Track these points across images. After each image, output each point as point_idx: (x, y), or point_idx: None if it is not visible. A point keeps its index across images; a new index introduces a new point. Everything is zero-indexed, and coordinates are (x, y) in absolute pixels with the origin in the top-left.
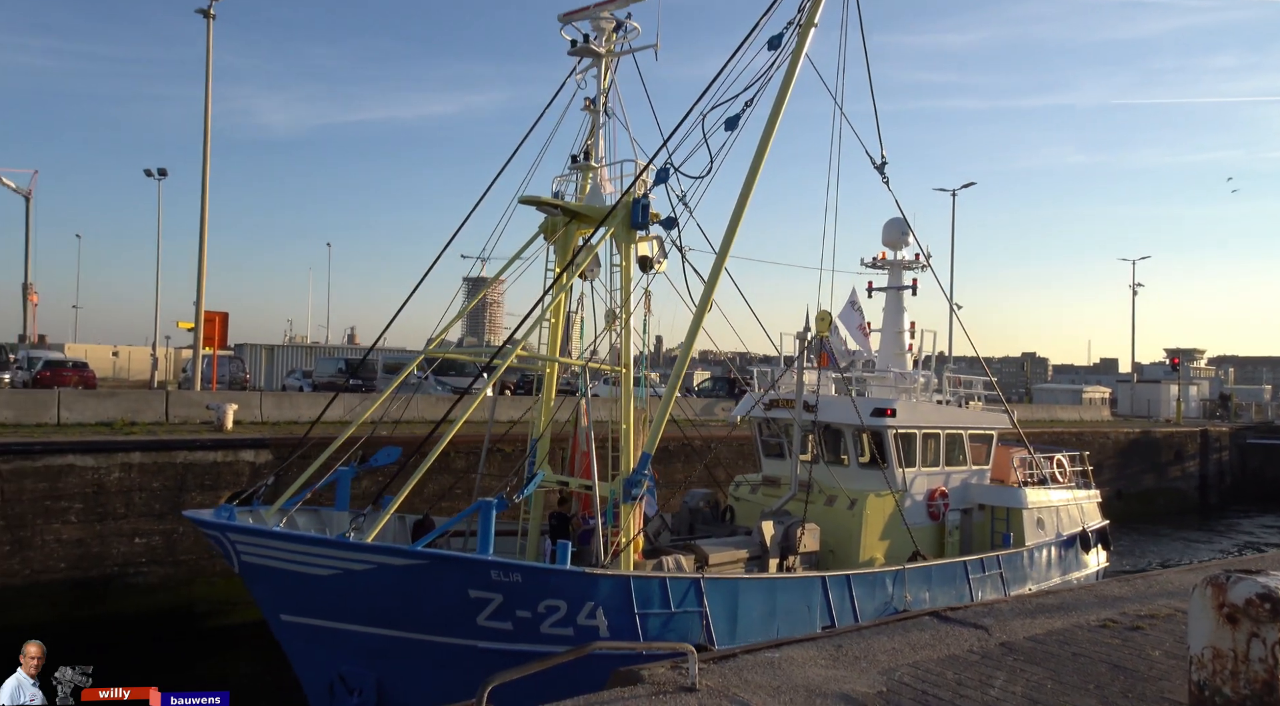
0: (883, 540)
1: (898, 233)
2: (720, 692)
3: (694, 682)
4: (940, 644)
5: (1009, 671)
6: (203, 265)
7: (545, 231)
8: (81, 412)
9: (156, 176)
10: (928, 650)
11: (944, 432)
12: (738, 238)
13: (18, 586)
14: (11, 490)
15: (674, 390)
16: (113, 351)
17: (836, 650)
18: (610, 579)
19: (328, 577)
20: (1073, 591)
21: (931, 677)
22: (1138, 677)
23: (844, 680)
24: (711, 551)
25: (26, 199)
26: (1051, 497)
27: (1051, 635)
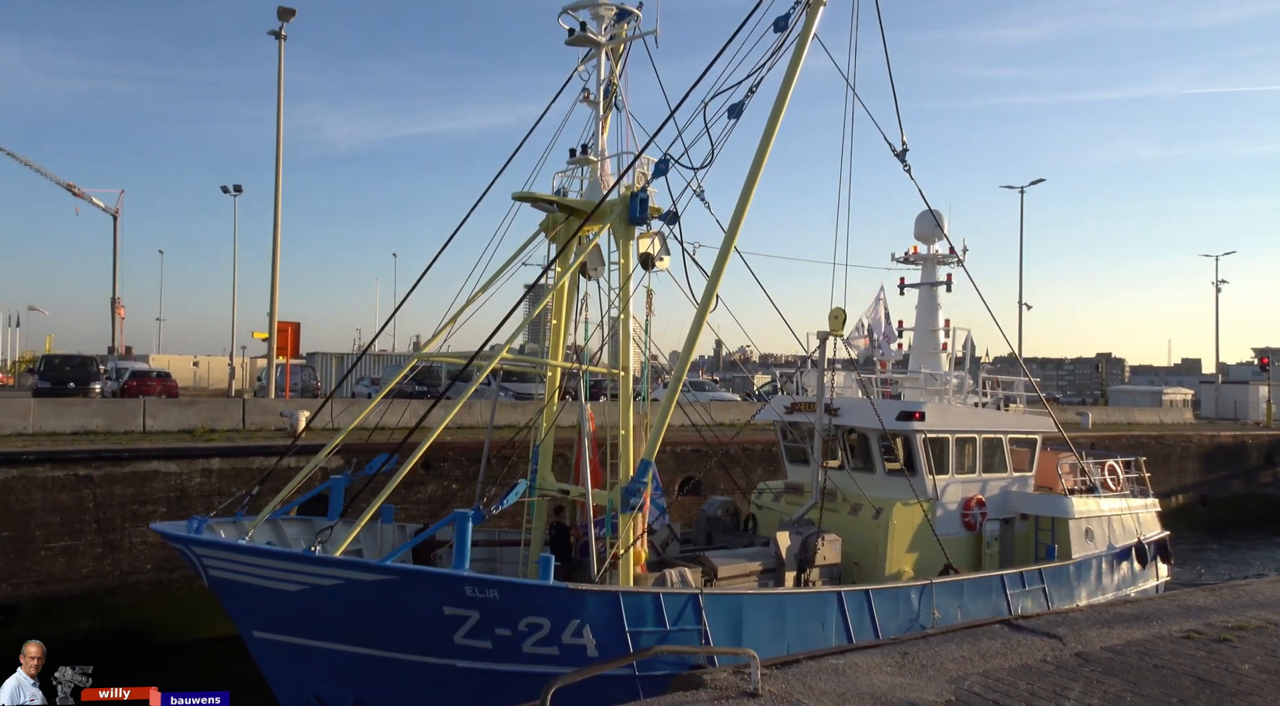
0: (911, 552)
1: (930, 225)
2: (783, 698)
3: (756, 688)
4: (1011, 653)
5: (1085, 682)
6: (275, 278)
7: (545, 229)
8: (165, 420)
9: (232, 193)
10: (998, 659)
11: (980, 437)
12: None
13: (109, 586)
14: (103, 495)
15: (675, 391)
16: (193, 362)
17: (903, 657)
18: (597, 595)
19: (295, 593)
20: (1153, 601)
21: (1002, 687)
22: (1225, 692)
23: (910, 688)
24: (721, 564)
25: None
26: (1102, 506)
27: (1130, 646)
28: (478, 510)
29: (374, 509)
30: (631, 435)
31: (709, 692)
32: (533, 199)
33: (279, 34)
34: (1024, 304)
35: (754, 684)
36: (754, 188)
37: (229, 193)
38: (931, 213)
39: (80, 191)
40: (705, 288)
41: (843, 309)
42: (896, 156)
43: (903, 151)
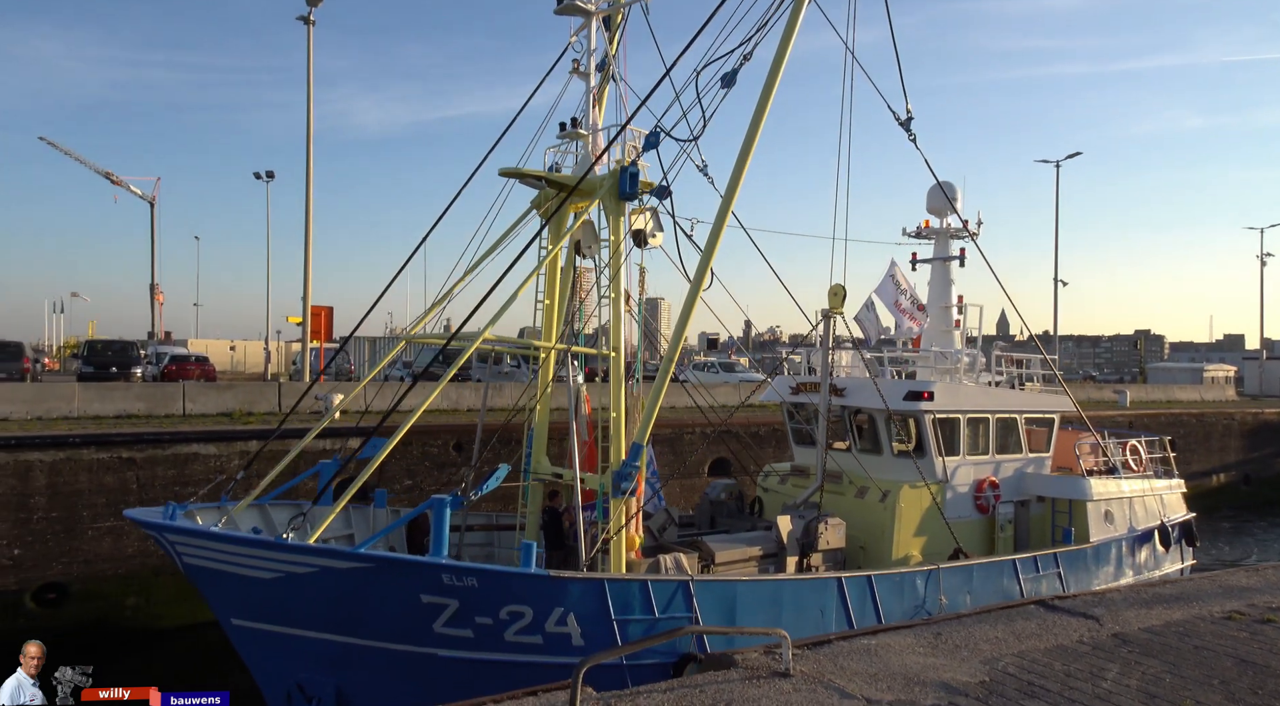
0: (919, 536)
1: (942, 199)
2: (815, 679)
3: (788, 668)
4: (1047, 633)
5: (1123, 663)
6: (308, 263)
7: (537, 206)
8: (204, 404)
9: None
10: (1033, 640)
11: (994, 417)
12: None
13: (154, 565)
14: (145, 477)
15: (668, 371)
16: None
17: (935, 638)
18: (581, 583)
19: (270, 581)
20: (1193, 581)
21: (1038, 668)
22: (1269, 674)
23: (944, 668)
24: (719, 549)
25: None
26: (1123, 488)
27: (1170, 627)
28: (456, 496)
29: (349, 494)
30: (623, 417)
31: (740, 672)
32: (520, 175)
33: (308, 20)
34: (1060, 280)
35: (785, 664)
36: (748, 159)
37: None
38: (939, 184)
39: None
40: (698, 263)
41: (842, 285)
42: (901, 125)
43: (907, 120)
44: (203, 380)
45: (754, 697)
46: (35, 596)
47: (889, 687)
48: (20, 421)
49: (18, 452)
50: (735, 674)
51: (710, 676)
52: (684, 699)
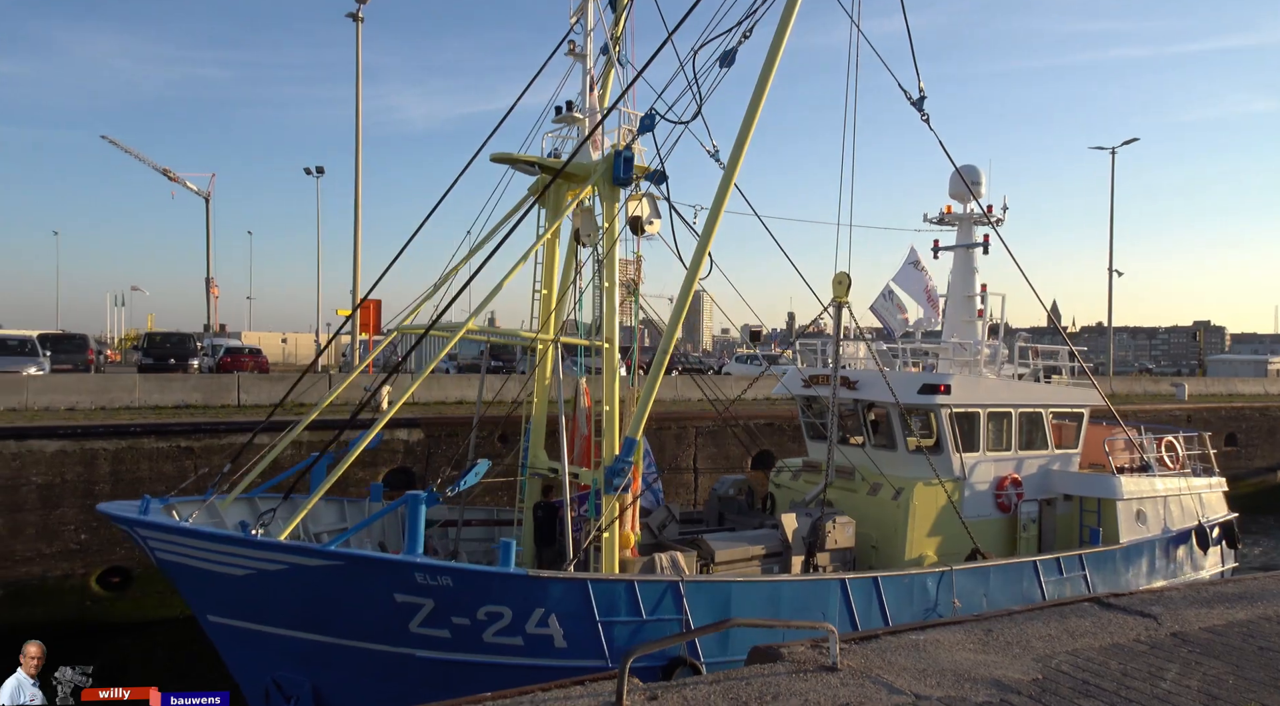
0: (934, 536)
1: (965, 183)
2: (862, 673)
3: (835, 662)
4: (1102, 632)
5: (1183, 663)
6: (358, 257)
7: (534, 193)
8: (257, 395)
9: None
10: (1088, 638)
11: (1017, 411)
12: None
13: None
14: (203, 465)
15: (663, 362)
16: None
17: (986, 634)
18: (563, 583)
19: (242, 578)
20: (1257, 579)
21: (1093, 667)
22: None
23: (995, 665)
24: (719, 547)
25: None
26: (1157, 486)
27: (1233, 627)
28: (430, 492)
29: (323, 489)
30: (617, 411)
31: (786, 665)
32: (512, 160)
33: (357, 17)
34: (1114, 270)
35: (832, 658)
36: (747, 140)
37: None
38: (955, 167)
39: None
40: (695, 248)
41: (846, 273)
42: (913, 104)
43: (919, 99)
44: (256, 372)
45: (801, 691)
46: (100, 580)
47: (938, 684)
48: (85, 411)
49: (84, 441)
50: (781, 667)
51: (756, 669)
52: (730, 691)
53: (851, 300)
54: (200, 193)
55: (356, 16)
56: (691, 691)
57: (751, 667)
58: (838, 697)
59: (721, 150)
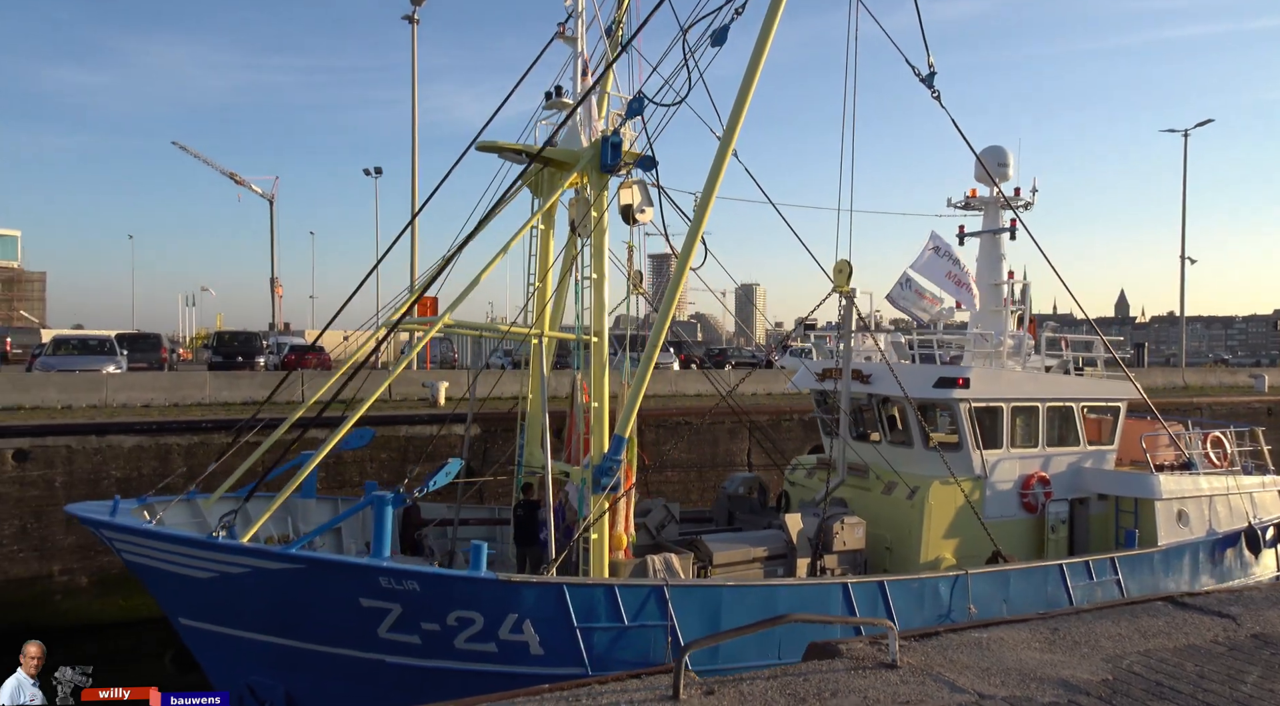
0: (951, 537)
1: (994, 164)
2: (922, 671)
3: (895, 659)
4: (1176, 632)
5: (1264, 667)
6: (414, 255)
7: (529, 183)
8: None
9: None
10: (1161, 638)
11: (1044, 405)
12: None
13: None
14: (271, 460)
15: (652, 355)
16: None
17: (1053, 633)
18: (537, 588)
19: (206, 581)
20: None
21: (1166, 669)
22: None
23: (1062, 665)
24: (718, 549)
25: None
26: (1201, 485)
27: None
28: (398, 493)
29: (292, 487)
30: (606, 408)
31: (845, 662)
32: (497, 149)
33: (413, 19)
34: (1187, 257)
35: (892, 655)
36: (739, 123)
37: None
38: (970, 147)
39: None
40: (686, 235)
41: (848, 261)
42: (922, 81)
43: (929, 76)
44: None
45: (860, 688)
46: None
47: (1002, 683)
48: (160, 407)
49: (159, 436)
50: (839, 663)
51: (814, 665)
52: (788, 686)
53: (876, 290)
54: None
55: (412, 19)
56: (749, 686)
57: (809, 663)
58: (898, 695)
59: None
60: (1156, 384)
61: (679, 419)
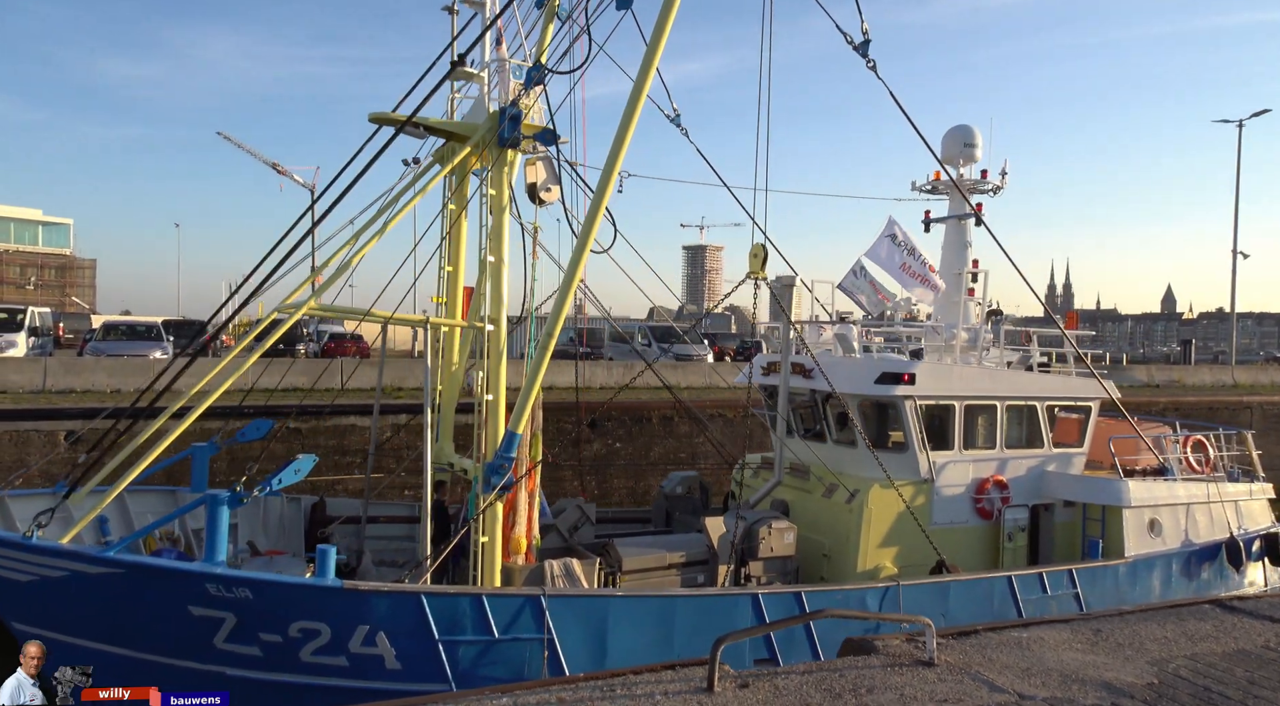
0: (892, 545)
1: (959, 146)
2: (960, 669)
3: (932, 657)
4: (1225, 636)
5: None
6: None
7: (440, 160)
8: (359, 379)
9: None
10: (1210, 642)
11: (1003, 404)
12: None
13: None
14: (309, 446)
15: (548, 347)
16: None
17: (1095, 634)
18: (389, 598)
19: (27, 584)
20: None
21: (1215, 673)
22: None
23: (1105, 667)
24: (629, 554)
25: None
26: (1177, 492)
27: None
28: (234, 493)
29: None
30: (503, 400)
31: (881, 659)
32: (389, 121)
33: (452, 10)
34: (1239, 252)
35: (929, 652)
36: (644, 91)
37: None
38: (909, 120)
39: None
40: (585, 219)
41: (763, 245)
42: (855, 50)
43: (863, 44)
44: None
45: (896, 685)
46: None
47: (1043, 684)
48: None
49: (204, 421)
50: (876, 660)
51: (849, 661)
52: (824, 681)
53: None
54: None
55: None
56: (784, 680)
57: (845, 659)
58: (935, 693)
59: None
60: (1204, 382)
61: (713, 411)
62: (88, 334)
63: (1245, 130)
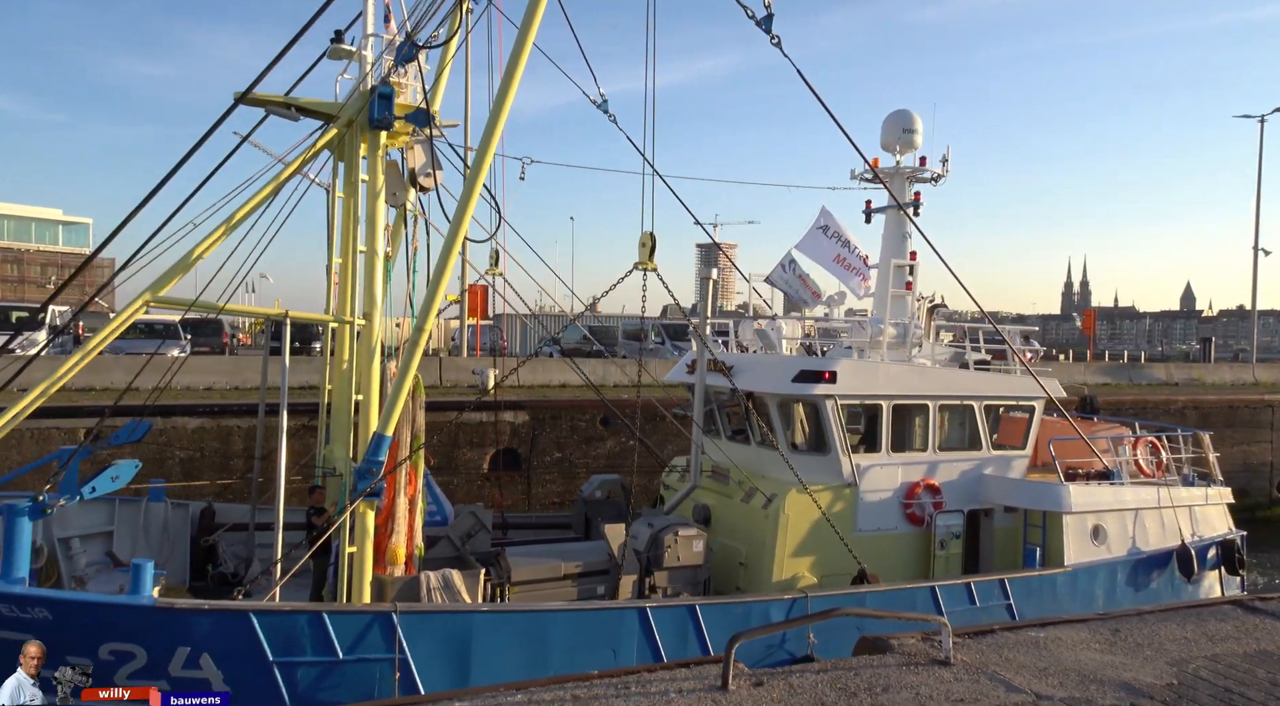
0: (809, 553)
1: (898, 131)
2: (977, 669)
3: (948, 656)
4: (1246, 637)
5: None
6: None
7: (330, 146)
8: None
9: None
10: (1230, 643)
11: (935, 404)
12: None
13: None
14: None
15: (420, 342)
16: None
17: (1113, 634)
18: (211, 617)
19: None
20: None
21: (1236, 674)
22: None
23: (1124, 667)
24: (520, 564)
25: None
26: (1124, 497)
27: None
28: (34, 503)
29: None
30: (375, 400)
31: (896, 657)
32: (255, 101)
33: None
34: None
35: (945, 652)
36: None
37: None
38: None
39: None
40: (459, 201)
41: (651, 234)
42: (758, 25)
43: (765, 18)
44: None
45: (912, 684)
46: None
47: (1061, 684)
48: (221, 391)
49: (220, 418)
50: (891, 659)
51: (865, 660)
52: (839, 680)
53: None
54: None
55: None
56: (799, 679)
57: (860, 658)
58: (951, 692)
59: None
60: (1225, 380)
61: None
62: None
63: (1267, 125)
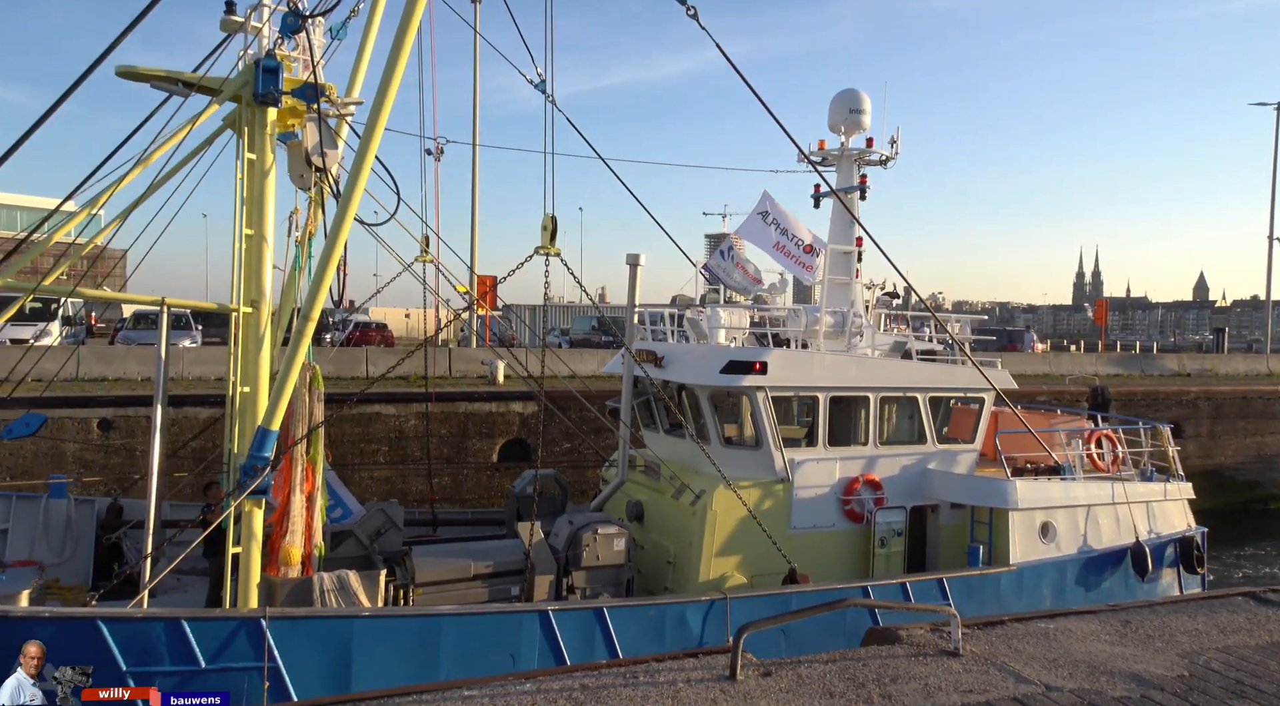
0: (740, 552)
1: (845, 112)
2: (986, 660)
3: (957, 647)
4: (1258, 629)
5: None
6: (474, 234)
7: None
8: (383, 367)
9: (434, 154)
10: (1241, 635)
11: (876, 396)
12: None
13: None
14: (336, 434)
15: (306, 331)
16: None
17: (1124, 626)
18: (53, 623)
19: None
20: None
21: (1248, 666)
22: None
23: (1134, 659)
24: (426, 564)
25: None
26: (1074, 493)
27: None
28: None
29: None
30: (263, 393)
31: (905, 648)
32: (137, 76)
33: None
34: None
35: (954, 643)
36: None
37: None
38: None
39: None
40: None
41: (552, 216)
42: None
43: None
44: (382, 345)
45: (921, 675)
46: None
47: (1070, 675)
48: None
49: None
50: (900, 649)
51: (873, 650)
52: (848, 671)
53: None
54: None
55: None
56: (807, 669)
57: (869, 648)
58: (960, 683)
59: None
60: (1238, 371)
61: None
62: (119, 323)
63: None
